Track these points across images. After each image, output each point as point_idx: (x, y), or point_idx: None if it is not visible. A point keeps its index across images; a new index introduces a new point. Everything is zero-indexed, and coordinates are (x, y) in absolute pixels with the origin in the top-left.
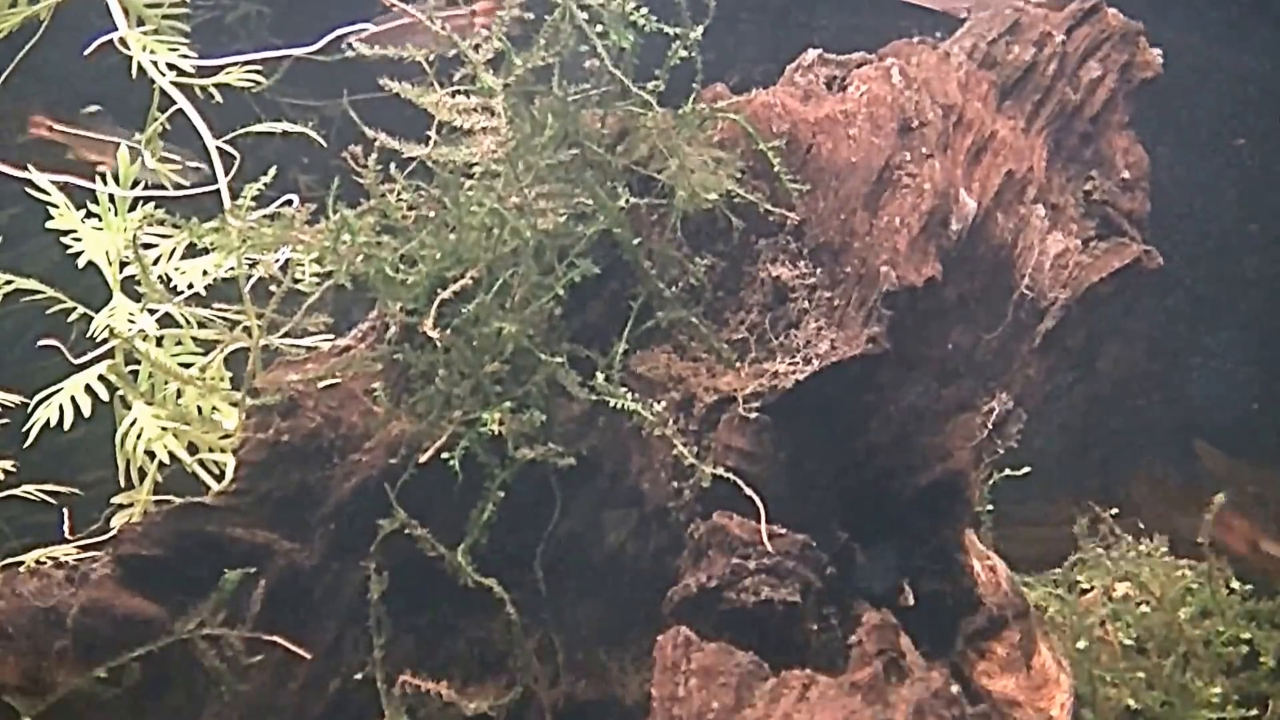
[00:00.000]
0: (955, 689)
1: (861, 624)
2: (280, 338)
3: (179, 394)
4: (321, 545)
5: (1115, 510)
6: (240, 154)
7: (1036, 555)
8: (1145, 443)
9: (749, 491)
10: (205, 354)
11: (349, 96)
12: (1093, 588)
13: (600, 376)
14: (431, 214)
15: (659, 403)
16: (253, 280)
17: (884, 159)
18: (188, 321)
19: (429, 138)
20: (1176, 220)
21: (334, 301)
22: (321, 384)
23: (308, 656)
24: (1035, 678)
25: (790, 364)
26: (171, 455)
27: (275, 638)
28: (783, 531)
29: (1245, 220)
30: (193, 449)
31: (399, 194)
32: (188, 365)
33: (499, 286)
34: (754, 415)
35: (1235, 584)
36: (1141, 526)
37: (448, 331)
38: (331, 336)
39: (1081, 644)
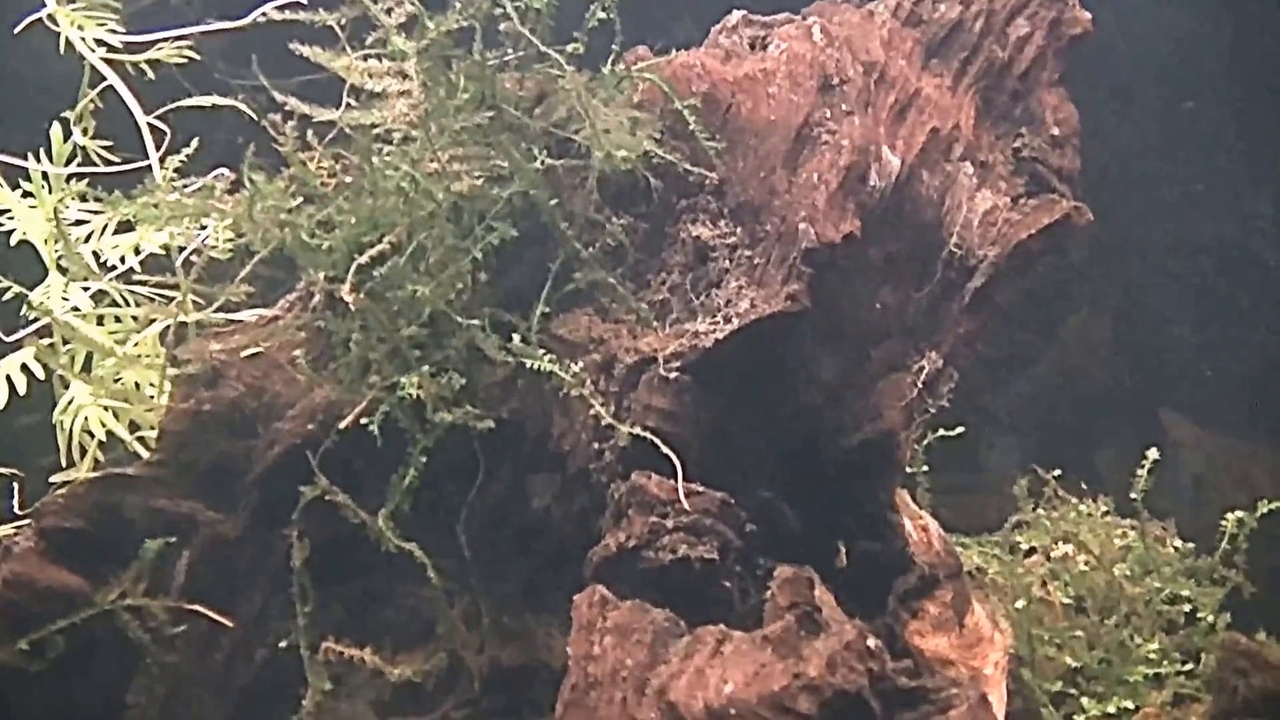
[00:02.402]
0: (873, 643)
1: (774, 579)
2: (214, 311)
3: (118, 371)
4: (246, 514)
5: (1082, 481)
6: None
7: (997, 522)
8: (1112, 413)
9: (667, 451)
10: (140, 330)
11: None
12: (1034, 549)
13: (517, 339)
14: (349, 180)
15: (578, 364)
16: (186, 253)
17: (803, 116)
18: (125, 300)
19: (348, 104)
20: (1136, 188)
21: (289, 278)
22: (244, 353)
23: (231, 625)
24: (968, 636)
25: (711, 323)
26: (109, 433)
27: (198, 607)
28: (701, 490)
29: (1198, 185)
30: (134, 427)
31: (318, 161)
32: (122, 342)
33: (415, 250)
34: (674, 375)
35: (1178, 543)
36: (1082, 488)
37: (364, 297)
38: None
39: (1020, 604)
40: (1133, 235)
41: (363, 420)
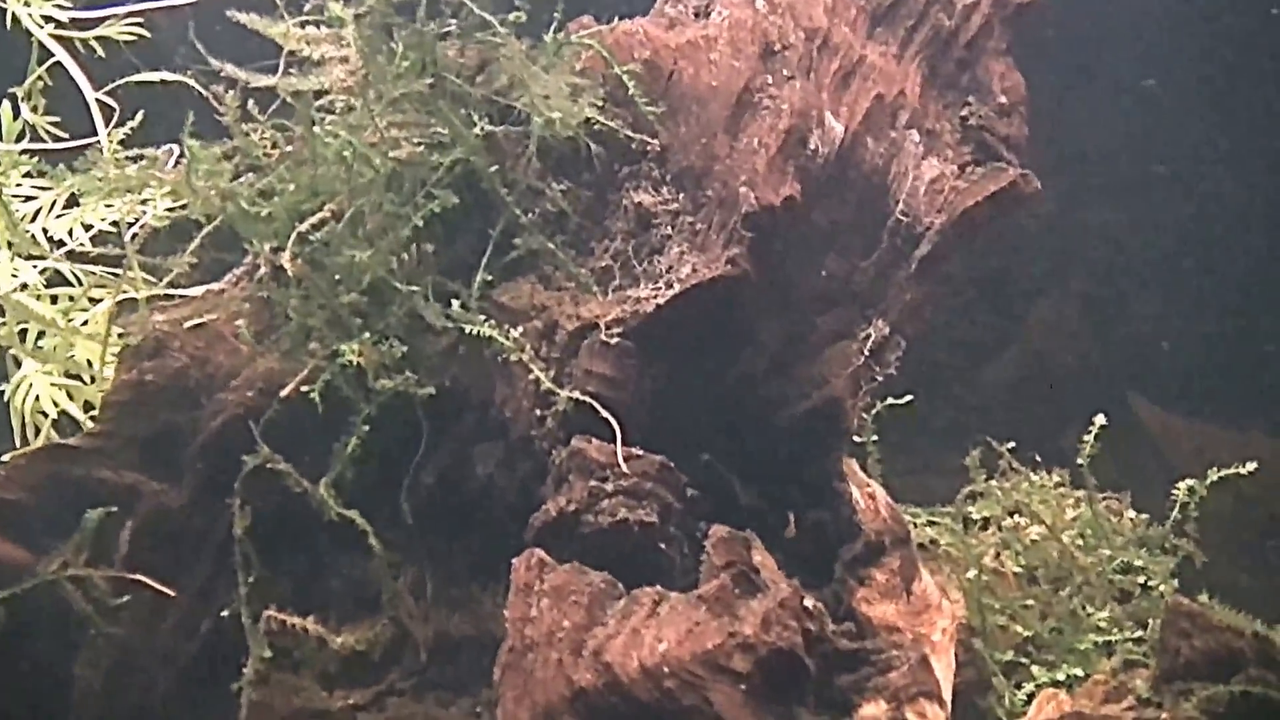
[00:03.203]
0: (811, 603)
1: (708, 538)
2: (164, 285)
3: (69, 347)
4: (191, 485)
5: (1051, 464)
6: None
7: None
8: (1079, 397)
9: (607, 415)
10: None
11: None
12: (986, 520)
13: (457, 305)
14: (289, 148)
15: (519, 330)
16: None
17: (744, 82)
18: (76, 276)
19: (286, 71)
20: (1098, 169)
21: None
22: (187, 325)
23: (172, 594)
24: (915, 604)
25: (653, 289)
26: (63, 414)
27: (140, 577)
28: (640, 454)
29: (1168, 165)
30: (89, 407)
31: (262, 132)
32: (71, 318)
33: (353, 217)
34: (615, 341)
35: (1132, 513)
36: (1036, 460)
37: (304, 264)
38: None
39: (971, 574)
40: (1097, 217)
41: (307, 389)
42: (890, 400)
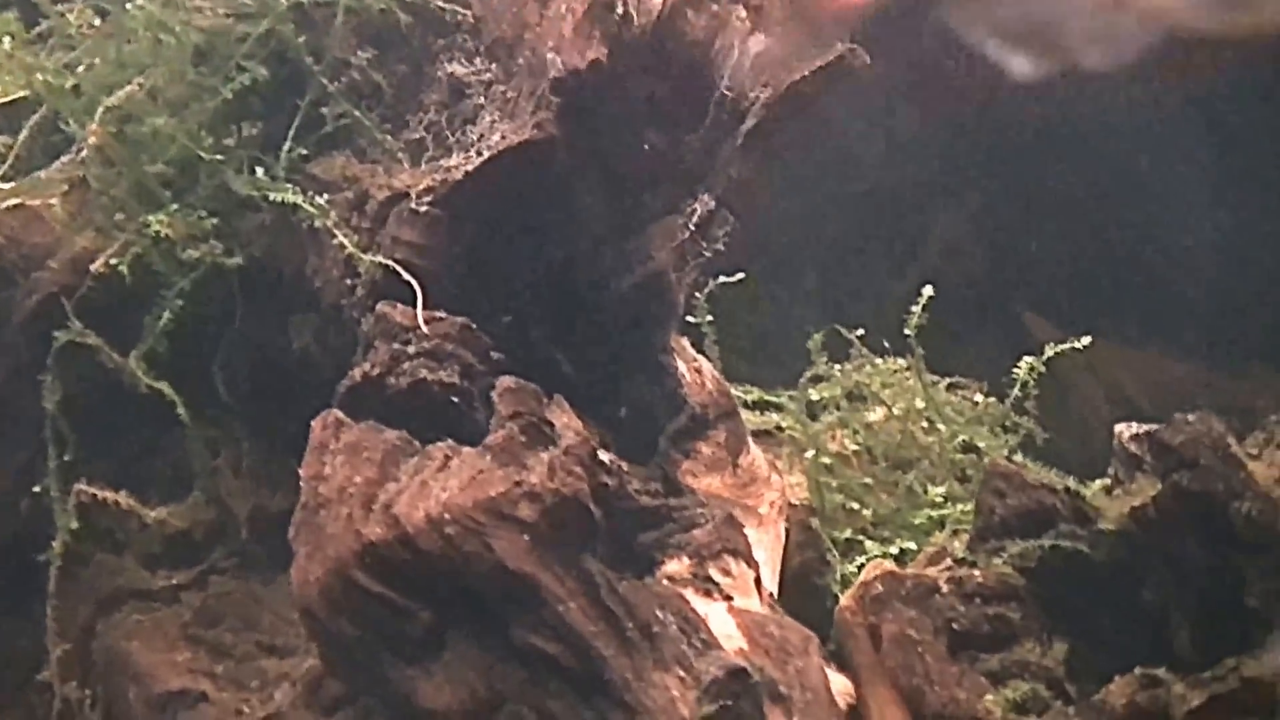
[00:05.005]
0: (607, 457)
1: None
2: None
3: None
4: (8, 366)
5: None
6: None
7: None
8: (976, 316)
9: (409, 279)
10: None
11: None
12: (828, 400)
13: (261, 173)
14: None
15: (325, 199)
16: None
17: None
18: None
19: None
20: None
21: None
22: (2, 205)
23: None
24: (743, 476)
25: (464, 158)
26: None
27: None
28: (442, 316)
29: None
30: None
31: (79, 12)
32: None
33: (153, 88)
34: (425, 209)
35: (979, 398)
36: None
37: (108, 135)
38: None
39: (810, 454)
40: (991, 136)
41: (117, 262)
42: (723, 279)
